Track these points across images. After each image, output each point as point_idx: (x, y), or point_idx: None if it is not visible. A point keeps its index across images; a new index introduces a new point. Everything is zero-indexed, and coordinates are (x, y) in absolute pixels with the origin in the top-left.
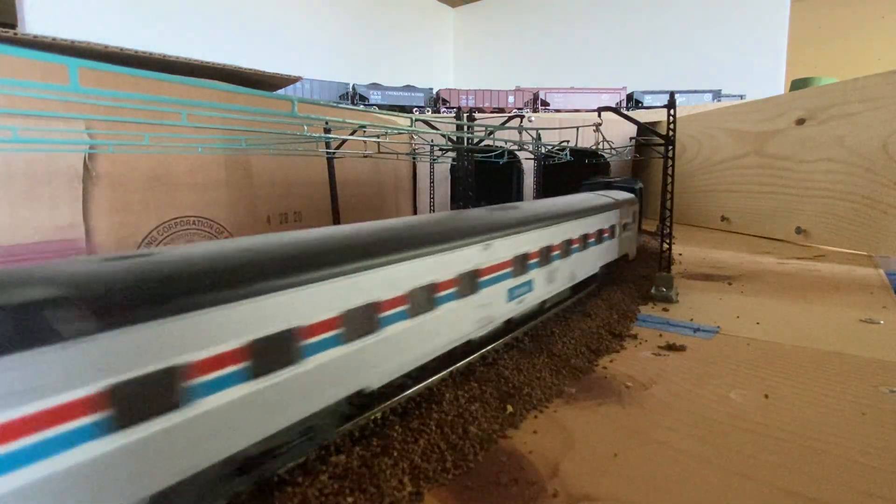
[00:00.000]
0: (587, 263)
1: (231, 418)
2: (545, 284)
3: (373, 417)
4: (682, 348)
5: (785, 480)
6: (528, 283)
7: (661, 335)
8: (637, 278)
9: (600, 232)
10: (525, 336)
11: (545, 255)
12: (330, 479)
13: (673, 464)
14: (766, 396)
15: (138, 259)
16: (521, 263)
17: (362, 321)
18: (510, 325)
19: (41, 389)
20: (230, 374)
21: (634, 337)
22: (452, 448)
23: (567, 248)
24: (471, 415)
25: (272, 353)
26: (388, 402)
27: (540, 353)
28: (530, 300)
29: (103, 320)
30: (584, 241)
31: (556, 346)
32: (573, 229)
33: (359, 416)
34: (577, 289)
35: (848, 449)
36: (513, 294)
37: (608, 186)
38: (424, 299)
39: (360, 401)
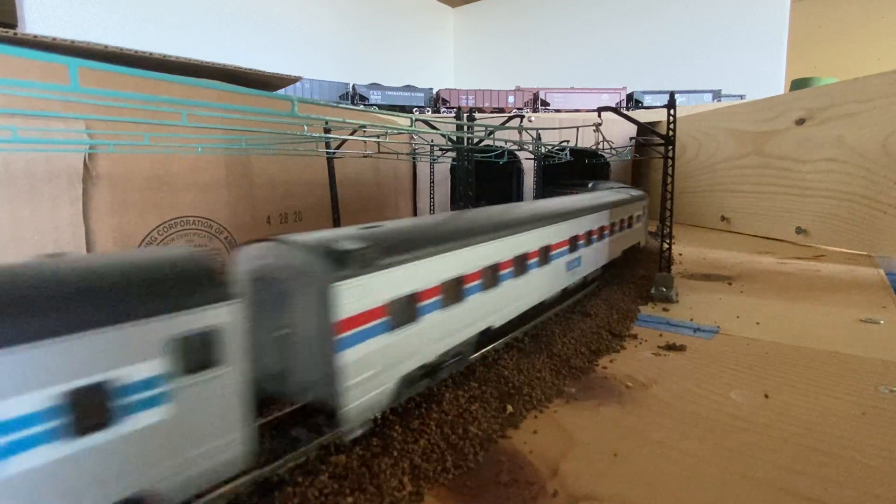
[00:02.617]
0: None
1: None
2: None
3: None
4: (682, 348)
5: (785, 480)
6: None
7: (661, 335)
8: (637, 278)
9: None
10: (525, 336)
11: None
12: (330, 479)
13: (673, 464)
14: (766, 396)
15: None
16: None
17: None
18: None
19: None
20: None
21: (634, 337)
22: (452, 448)
23: None
24: (471, 415)
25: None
26: None
27: (540, 353)
28: None
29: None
30: None
31: (556, 346)
32: None
33: None
34: None
35: (848, 449)
36: None
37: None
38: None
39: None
